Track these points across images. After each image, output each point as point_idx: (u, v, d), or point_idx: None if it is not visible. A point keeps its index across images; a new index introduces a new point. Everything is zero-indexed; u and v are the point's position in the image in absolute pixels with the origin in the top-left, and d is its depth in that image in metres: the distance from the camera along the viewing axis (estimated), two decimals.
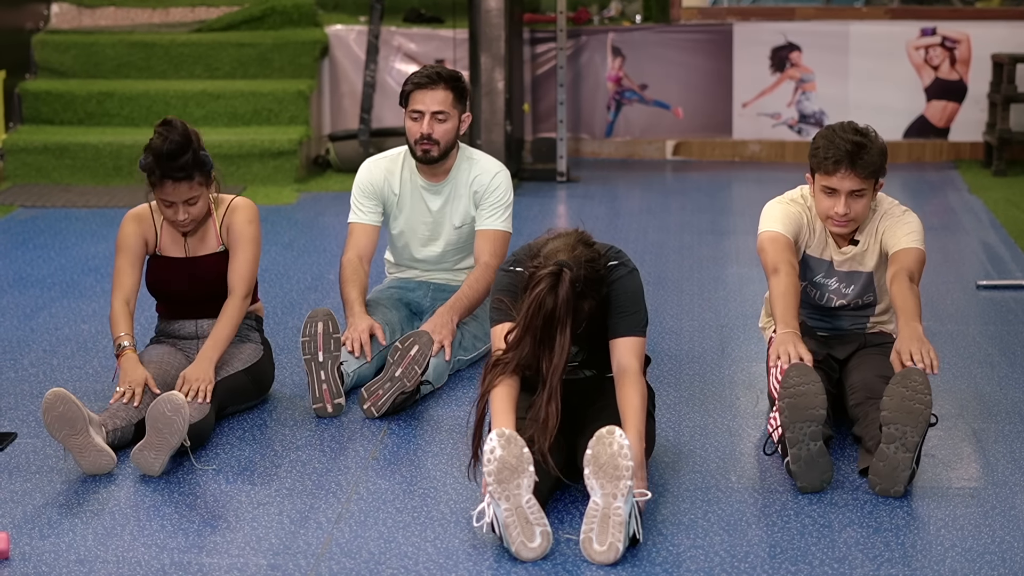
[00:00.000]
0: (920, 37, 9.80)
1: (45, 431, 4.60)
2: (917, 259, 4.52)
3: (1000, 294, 6.36)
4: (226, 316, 4.76)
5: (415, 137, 5.22)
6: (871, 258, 4.65)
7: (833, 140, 4.48)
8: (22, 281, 6.61)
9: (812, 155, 4.55)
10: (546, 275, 3.88)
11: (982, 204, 8.38)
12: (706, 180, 9.37)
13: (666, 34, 9.93)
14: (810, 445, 4.11)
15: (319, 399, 4.77)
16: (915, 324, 4.31)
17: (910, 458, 4.08)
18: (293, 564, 3.71)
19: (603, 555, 3.68)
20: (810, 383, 4.10)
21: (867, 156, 4.45)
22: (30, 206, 8.27)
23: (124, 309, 4.72)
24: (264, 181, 8.92)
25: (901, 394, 4.08)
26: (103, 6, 10.34)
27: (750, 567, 3.68)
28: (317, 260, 6.94)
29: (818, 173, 4.53)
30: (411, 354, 4.73)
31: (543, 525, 3.72)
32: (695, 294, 6.37)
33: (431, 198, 5.34)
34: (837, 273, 4.68)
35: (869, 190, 4.52)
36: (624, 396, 4.05)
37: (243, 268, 4.80)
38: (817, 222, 4.65)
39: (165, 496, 4.14)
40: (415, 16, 10.10)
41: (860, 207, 4.53)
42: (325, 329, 4.76)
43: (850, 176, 4.46)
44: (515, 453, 3.73)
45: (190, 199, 4.71)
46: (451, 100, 5.22)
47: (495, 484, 3.71)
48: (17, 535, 3.86)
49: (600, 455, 3.71)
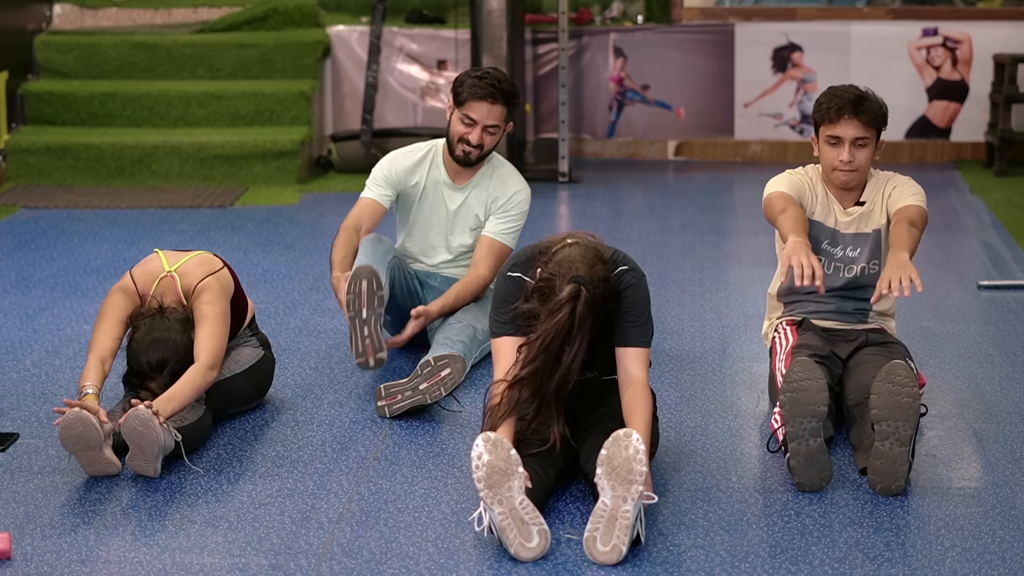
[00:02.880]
0: (922, 37, 9.80)
1: (46, 432, 4.62)
2: (920, 213, 4.63)
3: (1001, 294, 6.36)
4: (188, 378, 4.45)
5: (460, 136, 5.28)
6: (878, 216, 4.73)
7: (836, 92, 4.69)
8: (24, 282, 6.61)
9: (816, 111, 4.72)
10: (566, 300, 3.85)
11: (984, 204, 8.38)
12: (708, 180, 9.37)
13: (668, 34, 9.94)
14: (810, 441, 4.12)
15: (362, 353, 4.84)
16: (902, 253, 4.38)
17: (906, 452, 4.10)
18: (295, 564, 3.71)
19: (606, 556, 3.68)
20: (813, 379, 4.12)
21: (869, 104, 4.64)
22: (32, 207, 8.28)
23: (97, 364, 4.51)
24: (266, 182, 8.92)
25: (888, 390, 4.11)
26: (105, 7, 10.35)
27: (751, 567, 3.69)
28: (319, 261, 6.94)
29: (823, 125, 4.68)
30: (441, 375, 4.73)
31: (539, 524, 3.73)
32: (696, 294, 6.38)
33: (451, 196, 5.40)
34: (843, 238, 4.72)
35: (872, 141, 4.64)
36: (631, 406, 4.05)
37: (208, 342, 4.55)
38: (819, 188, 4.75)
39: (167, 496, 4.15)
40: (417, 17, 10.10)
41: (863, 157, 4.65)
42: (369, 287, 4.83)
43: (853, 122, 4.62)
44: (502, 456, 3.72)
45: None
46: (505, 115, 5.32)
47: (486, 489, 3.71)
48: (19, 535, 3.86)
49: (615, 457, 3.71)
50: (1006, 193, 8.69)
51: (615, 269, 4.07)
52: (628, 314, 4.11)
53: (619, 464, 3.70)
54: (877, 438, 4.11)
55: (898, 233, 4.51)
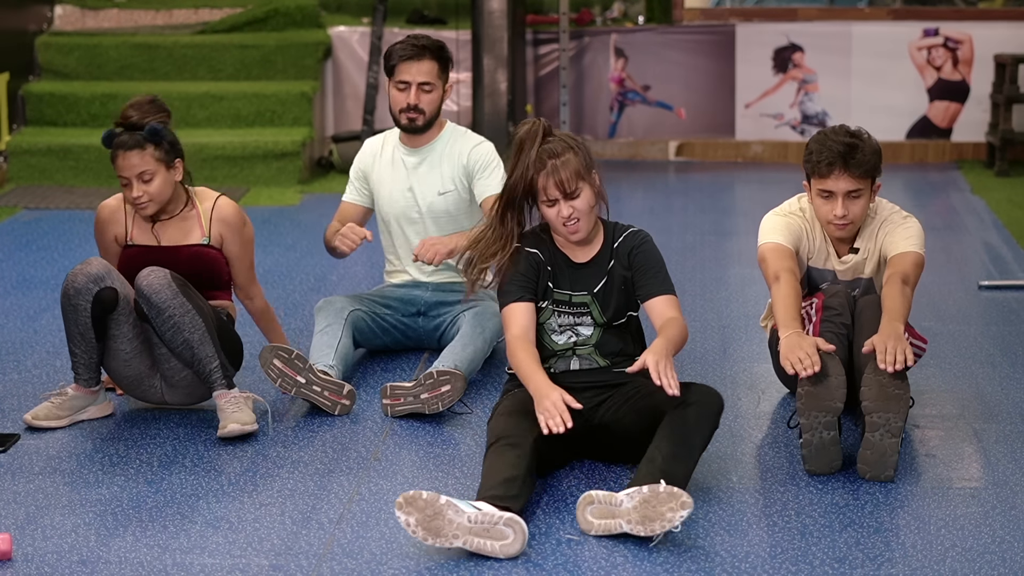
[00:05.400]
0: (923, 38, 9.80)
1: (47, 432, 4.63)
2: (914, 262, 4.52)
3: (1002, 294, 6.36)
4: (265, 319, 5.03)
5: (401, 107, 5.27)
6: (871, 264, 4.67)
7: (825, 143, 4.50)
8: (25, 283, 6.62)
9: (806, 161, 4.57)
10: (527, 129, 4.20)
11: (984, 204, 8.38)
12: (709, 181, 9.37)
13: (669, 35, 9.94)
14: (823, 434, 4.20)
15: (331, 406, 4.79)
16: (896, 323, 4.30)
17: (896, 443, 4.15)
18: (295, 565, 3.72)
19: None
20: (833, 375, 4.17)
21: (860, 155, 4.47)
22: (33, 208, 8.28)
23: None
24: (267, 182, 8.93)
25: (879, 382, 4.16)
26: (106, 8, 10.35)
27: (751, 567, 3.69)
28: (320, 262, 6.95)
29: (814, 177, 4.55)
30: (441, 390, 4.72)
31: (503, 517, 3.72)
32: (697, 295, 6.38)
33: (409, 160, 5.35)
34: (841, 282, 4.70)
35: (866, 191, 4.53)
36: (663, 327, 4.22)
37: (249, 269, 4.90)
38: (817, 232, 4.67)
39: (167, 496, 4.15)
40: (418, 17, 10.11)
41: (858, 208, 4.54)
42: (283, 360, 4.75)
43: (844, 176, 4.48)
44: (421, 508, 3.71)
45: (143, 173, 4.63)
46: (436, 71, 5.27)
47: (436, 539, 3.70)
48: (20, 536, 3.87)
49: (649, 501, 3.76)
50: (1007, 193, 8.69)
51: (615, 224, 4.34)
52: (646, 269, 4.29)
53: (648, 512, 3.76)
54: (868, 429, 4.17)
55: (891, 297, 4.39)
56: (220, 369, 4.58)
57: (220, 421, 4.56)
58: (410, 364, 5.33)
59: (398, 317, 5.34)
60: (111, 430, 4.71)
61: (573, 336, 4.31)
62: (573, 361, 4.32)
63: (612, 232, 4.36)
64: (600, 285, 4.28)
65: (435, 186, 5.34)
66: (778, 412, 4.81)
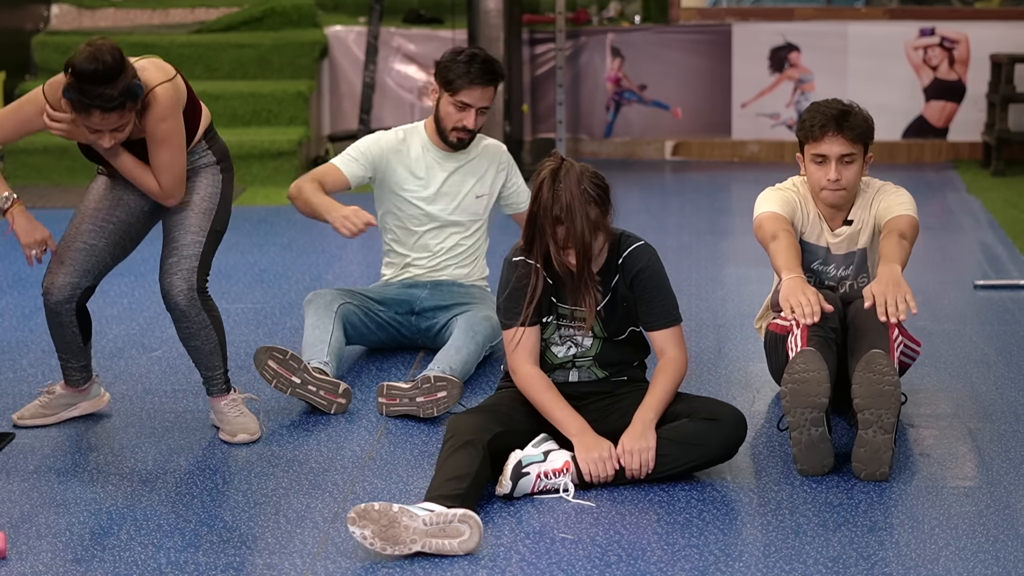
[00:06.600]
0: (919, 37, 9.81)
1: (42, 432, 4.63)
2: (910, 223, 4.56)
3: (998, 294, 6.36)
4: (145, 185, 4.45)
5: (455, 125, 5.22)
6: (866, 234, 4.70)
7: (818, 109, 4.60)
8: (21, 282, 6.62)
9: (799, 129, 4.65)
10: (548, 168, 4.04)
11: (980, 204, 8.39)
12: (705, 180, 9.38)
13: (665, 34, 9.95)
14: (811, 430, 4.18)
15: (327, 405, 4.79)
16: (894, 265, 4.31)
17: (890, 439, 4.15)
18: (289, 563, 3.71)
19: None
20: (816, 371, 4.16)
21: (853, 119, 4.55)
22: (29, 207, 8.22)
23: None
24: (264, 182, 8.93)
25: (869, 379, 4.15)
26: (103, 7, 10.36)
27: (744, 566, 3.69)
28: (316, 260, 6.95)
29: (807, 144, 4.61)
30: (438, 396, 4.71)
31: (456, 515, 3.71)
32: (693, 294, 6.38)
33: (446, 164, 5.33)
34: (835, 258, 4.72)
35: (859, 157, 4.58)
36: (655, 377, 4.23)
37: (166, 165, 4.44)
38: (810, 205, 4.70)
39: (161, 495, 4.15)
40: (414, 17, 10.11)
41: (851, 174, 4.58)
42: (277, 362, 4.73)
43: (838, 139, 4.54)
44: (375, 519, 3.69)
45: (119, 127, 4.28)
46: (494, 95, 5.27)
47: (394, 546, 3.69)
48: (14, 535, 3.87)
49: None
50: (1003, 193, 8.70)
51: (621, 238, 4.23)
52: (651, 298, 4.23)
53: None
54: (860, 427, 4.17)
55: (889, 245, 4.43)
56: (222, 376, 4.58)
57: (224, 427, 4.56)
58: (405, 363, 5.33)
59: (391, 314, 5.34)
60: (106, 429, 4.71)
61: (573, 347, 4.30)
62: (572, 373, 4.32)
63: (618, 244, 4.24)
64: (603, 303, 4.25)
65: (473, 189, 5.37)
66: (772, 411, 4.82)
